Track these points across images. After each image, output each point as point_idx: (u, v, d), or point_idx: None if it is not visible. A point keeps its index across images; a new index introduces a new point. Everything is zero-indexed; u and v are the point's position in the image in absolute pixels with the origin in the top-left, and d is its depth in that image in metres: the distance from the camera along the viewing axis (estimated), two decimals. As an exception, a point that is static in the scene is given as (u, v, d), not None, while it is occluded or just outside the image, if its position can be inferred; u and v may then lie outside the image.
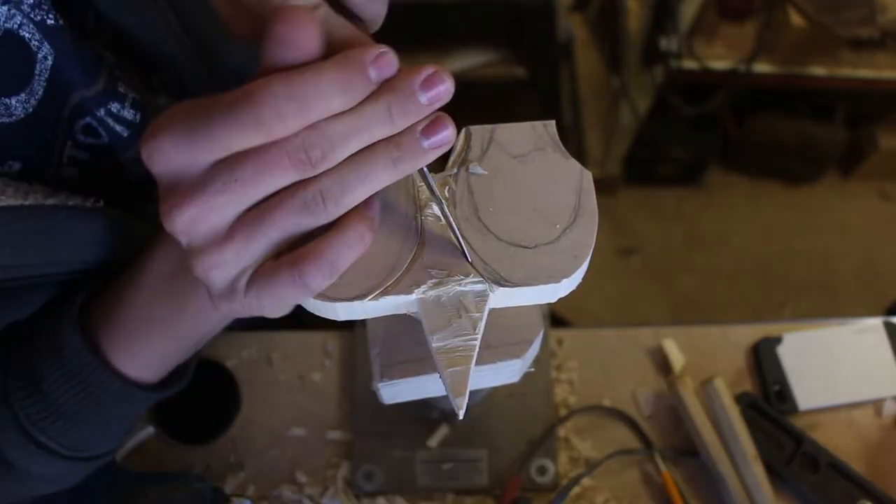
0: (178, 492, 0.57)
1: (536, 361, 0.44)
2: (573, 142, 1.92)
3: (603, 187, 1.88)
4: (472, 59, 1.75)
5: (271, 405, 0.66)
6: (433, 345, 0.32)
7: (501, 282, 0.33)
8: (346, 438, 0.65)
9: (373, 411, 0.65)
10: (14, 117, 0.39)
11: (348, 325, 0.69)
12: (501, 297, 0.33)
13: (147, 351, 0.43)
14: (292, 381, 0.67)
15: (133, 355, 0.43)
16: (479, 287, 0.33)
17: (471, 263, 0.33)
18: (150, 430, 0.64)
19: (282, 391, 0.67)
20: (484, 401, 0.66)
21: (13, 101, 0.38)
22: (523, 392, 0.67)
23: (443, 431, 0.65)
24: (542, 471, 0.63)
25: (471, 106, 0.71)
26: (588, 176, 0.36)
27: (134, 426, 0.51)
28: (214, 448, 0.64)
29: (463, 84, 0.54)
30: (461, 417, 0.32)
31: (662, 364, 0.68)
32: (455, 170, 0.36)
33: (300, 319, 0.51)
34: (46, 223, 0.38)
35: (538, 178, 0.36)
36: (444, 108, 0.31)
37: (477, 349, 0.32)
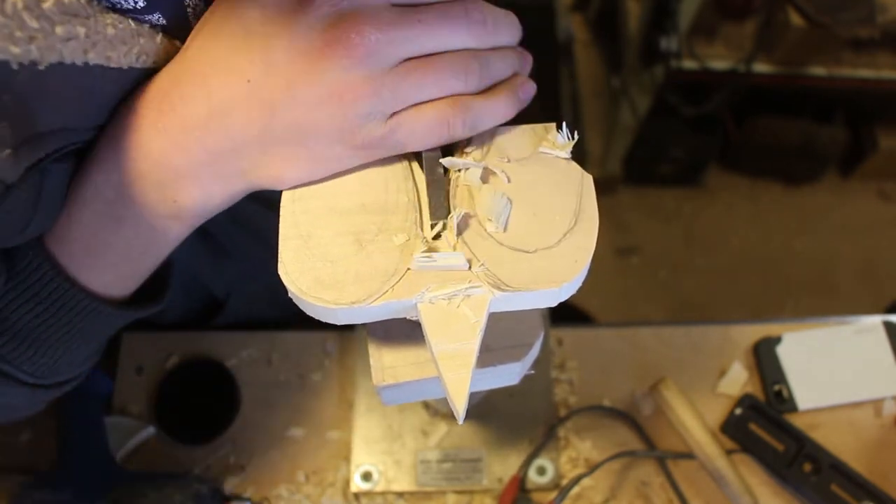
0: (178, 492, 0.57)
1: (536, 362, 0.43)
2: (573, 141, 1.92)
3: (603, 187, 1.88)
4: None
5: (271, 405, 0.66)
6: (433, 349, 0.32)
7: (501, 286, 0.32)
8: (345, 438, 0.65)
9: (372, 411, 0.66)
10: None
11: (349, 326, 0.69)
12: (501, 302, 0.33)
13: (107, 269, 0.41)
14: (292, 381, 0.67)
15: (97, 272, 0.40)
16: (479, 291, 0.32)
17: (471, 264, 0.33)
18: (150, 430, 0.64)
19: (282, 391, 0.67)
20: (484, 401, 0.66)
21: None
22: (523, 392, 0.67)
23: (443, 431, 0.65)
24: (542, 471, 0.64)
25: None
26: (589, 179, 0.36)
27: (102, 349, 0.48)
28: (214, 448, 0.64)
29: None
30: (461, 422, 0.32)
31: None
32: (455, 172, 0.36)
33: (300, 319, 0.50)
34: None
35: (538, 182, 0.36)
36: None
37: (477, 353, 0.32)
